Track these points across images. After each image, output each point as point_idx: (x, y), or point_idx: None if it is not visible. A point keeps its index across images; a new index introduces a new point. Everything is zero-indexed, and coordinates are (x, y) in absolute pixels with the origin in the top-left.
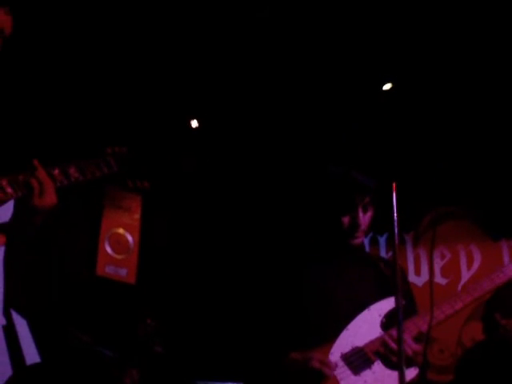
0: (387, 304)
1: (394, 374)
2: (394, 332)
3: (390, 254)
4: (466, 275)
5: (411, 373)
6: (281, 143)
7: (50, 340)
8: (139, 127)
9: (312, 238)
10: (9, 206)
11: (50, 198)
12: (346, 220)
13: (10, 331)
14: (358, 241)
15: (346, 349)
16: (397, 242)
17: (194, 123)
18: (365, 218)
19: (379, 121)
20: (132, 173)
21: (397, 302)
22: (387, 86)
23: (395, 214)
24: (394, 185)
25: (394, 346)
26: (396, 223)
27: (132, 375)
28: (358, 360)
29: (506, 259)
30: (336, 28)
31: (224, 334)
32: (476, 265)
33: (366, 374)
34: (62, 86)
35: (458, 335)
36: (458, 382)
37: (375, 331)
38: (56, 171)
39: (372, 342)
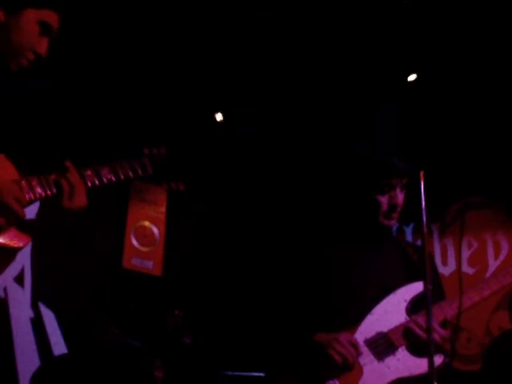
0: (413, 289)
1: (419, 361)
2: (418, 318)
3: (418, 242)
4: (493, 264)
5: (436, 360)
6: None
7: (77, 332)
8: (174, 128)
9: (342, 219)
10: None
11: (80, 201)
12: (384, 200)
13: (38, 324)
14: (393, 222)
15: (370, 333)
16: (425, 230)
17: (219, 117)
18: (401, 200)
19: (408, 109)
20: (167, 175)
21: (425, 287)
22: (412, 77)
23: (423, 203)
24: (421, 173)
25: (418, 332)
26: (424, 212)
27: (161, 367)
28: (382, 345)
29: None
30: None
31: (249, 322)
32: (503, 254)
33: (390, 360)
34: (101, 85)
35: (485, 324)
36: (485, 371)
37: (400, 316)
38: (88, 172)
39: (397, 328)
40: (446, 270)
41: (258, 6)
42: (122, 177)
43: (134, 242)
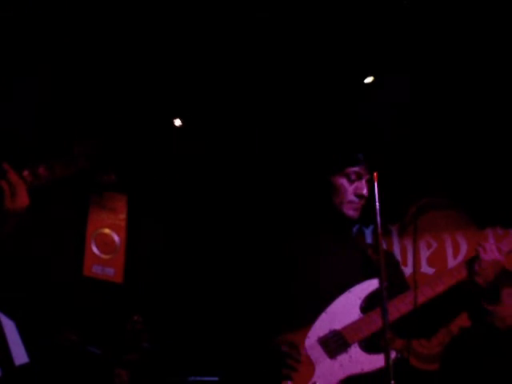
0: (368, 286)
1: (370, 358)
2: (372, 315)
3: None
4: (452, 264)
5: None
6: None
7: (38, 341)
8: (108, 121)
9: (304, 207)
10: None
11: (21, 200)
12: (350, 188)
13: None
14: (356, 214)
15: (324, 332)
16: (380, 230)
17: (178, 122)
18: (366, 194)
19: (362, 111)
20: (98, 167)
21: (380, 284)
22: (369, 79)
23: (377, 204)
24: (375, 174)
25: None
26: (379, 212)
27: (121, 374)
28: (335, 343)
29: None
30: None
31: (209, 326)
32: (462, 253)
33: (343, 358)
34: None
35: None
36: (443, 370)
37: (354, 314)
38: (25, 172)
39: (350, 325)
40: (405, 271)
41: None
42: (59, 173)
43: (95, 250)
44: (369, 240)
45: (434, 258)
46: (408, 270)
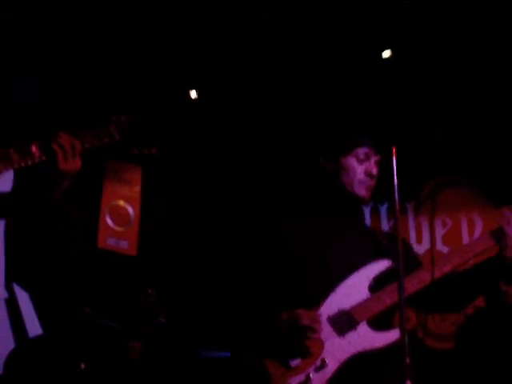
0: (377, 267)
1: (379, 335)
2: (380, 294)
3: (392, 222)
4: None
5: (393, 335)
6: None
7: (52, 313)
8: (142, 96)
9: (314, 189)
10: (7, 178)
11: (75, 163)
12: (360, 168)
13: (13, 304)
14: (367, 194)
15: (333, 311)
16: (398, 207)
17: (193, 94)
18: (376, 174)
19: (379, 86)
20: (137, 140)
21: (398, 265)
22: (387, 54)
23: (395, 180)
24: (393, 150)
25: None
26: (397, 188)
27: (134, 346)
28: (344, 322)
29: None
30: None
31: (221, 301)
32: (477, 232)
33: (351, 336)
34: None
35: None
36: (458, 349)
37: (363, 294)
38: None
39: (359, 304)
40: (420, 248)
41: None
42: (87, 144)
43: (109, 222)
44: (384, 217)
45: (449, 236)
46: (423, 247)
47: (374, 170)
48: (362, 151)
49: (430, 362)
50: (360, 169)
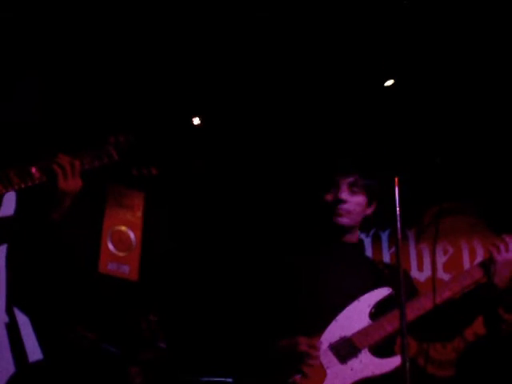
0: (377, 294)
1: (381, 362)
2: (381, 321)
3: (393, 249)
4: None
5: (395, 361)
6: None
7: (52, 338)
8: (142, 117)
9: (304, 224)
10: (10, 201)
11: (75, 182)
12: (329, 197)
13: (13, 329)
14: (342, 220)
15: (334, 338)
16: (400, 236)
17: (196, 120)
18: (351, 199)
19: (381, 115)
20: (136, 160)
21: (399, 292)
22: (389, 82)
23: (398, 209)
24: (396, 179)
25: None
26: (399, 217)
27: (135, 372)
28: (345, 349)
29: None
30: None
31: (221, 329)
32: (479, 259)
33: (353, 363)
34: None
35: None
36: (458, 376)
37: (363, 321)
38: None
39: (360, 332)
40: (421, 276)
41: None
42: (87, 165)
43: (111, 247)
44: (385, 243)
45: (451, 263)
46: (424, 275)
47: (342, 194)
48: (328, 181)
49: None
50: (330, 197)
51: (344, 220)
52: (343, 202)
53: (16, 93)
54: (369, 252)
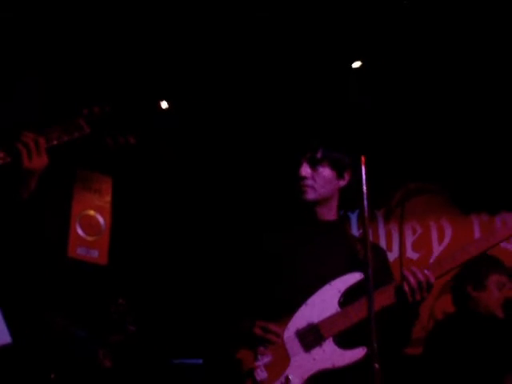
0: (349, 279)
1: (344, 354)
2: (348, 310)
3: (362, 230)
4: (437, 249)
5: (359, 352)
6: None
7: (21, 322)
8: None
9: (279, 205)
10: None
11: (40, 159)
12: (293, 176)
13: None
14: (307, 196)
15: (302, 324)
16: (367, 215)
17: (164, 104)
18: (313, 173)
19: (350, 96)
20: (112, 130)
21: (367, 278)
22: (357, 64)
23: (365, 188)
24: (363, 158)
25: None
26: (366, 196)
27: (104, 355)
28: (311, 337)
29: (476, 232)
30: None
31: (192, 310)
32: (447, 239)
33: (316, 352)
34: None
35: (429, 309)
36: (426, 354)
37: (332, 308)
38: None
39: (327, 319)
40: (390, 256)
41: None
42: (55, 140)
43: (80, 232)
44: (354, 225)
45: (419, 243)
46: (393, 255)
47: (303, 171)
48: (291, 160)
49: (399, 368)
50: (294, 176)
51: (309, 196)
52: (304, 178)
53: (16, 93)
54: None
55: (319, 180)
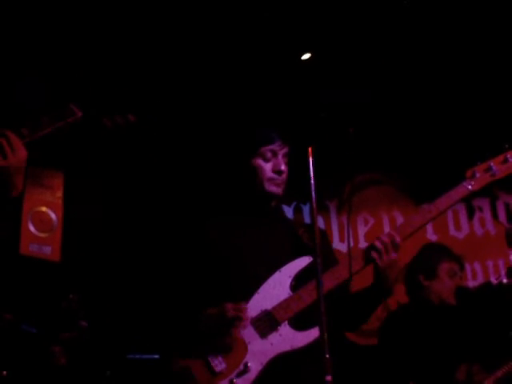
0: (297, 264)
1: (300, 335)
2: (300, 292)
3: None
4: None
5: (314, 332)
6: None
7: None
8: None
9: (228, 192)
10: None
11: (16, 155)
12: (267, 166)
13: None
14: (278, 190)
15: (256, 312)
16: (315, 206)
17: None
18: (285, 169)
19: (298, 87)
20: (110, 109)
21: (315, 261)
22: (306, 56)
23: (312, 179)
24: (310, 150)
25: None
26: (314, 188)
27: (56, 351)
28: (265, 323)
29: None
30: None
31: (144, 305)
32: None
33: (273, 337)
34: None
35: None
36: (380, 344)
37: (284, 293)
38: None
39: (280, 304)
40: (343, 247)
41: None
42: (46, 127)
43: (31, 228)
44: (306, 216)
45: (371, 233)
46: (346, 246)
47: (282, 166)
48: (266, 149)
49: (353, 358)
50: (267, 167)
51: (280, 190)
52: (281, 172)
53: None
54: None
55: (286, 176)
